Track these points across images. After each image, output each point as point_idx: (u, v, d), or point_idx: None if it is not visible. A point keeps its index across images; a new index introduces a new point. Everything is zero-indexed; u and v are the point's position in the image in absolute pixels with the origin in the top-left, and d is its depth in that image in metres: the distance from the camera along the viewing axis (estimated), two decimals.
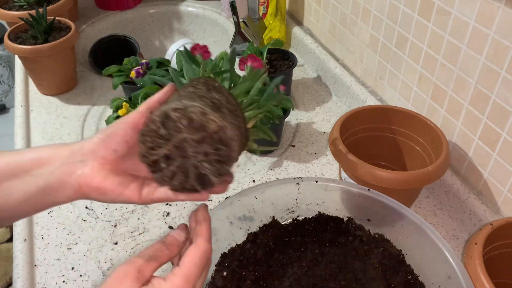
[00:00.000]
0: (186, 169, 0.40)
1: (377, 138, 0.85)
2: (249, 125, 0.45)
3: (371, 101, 0.98)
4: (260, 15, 1.22)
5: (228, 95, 0.42)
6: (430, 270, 0.64)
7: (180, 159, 0.39)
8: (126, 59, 1.01)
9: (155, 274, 0.43)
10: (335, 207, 0.73)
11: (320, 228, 0.72)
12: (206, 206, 0.49)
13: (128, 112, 0.75)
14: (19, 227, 0.79)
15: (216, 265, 0.67)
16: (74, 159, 0.44)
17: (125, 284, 0.40)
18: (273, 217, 0.72)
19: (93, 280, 0.72)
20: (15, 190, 0.44)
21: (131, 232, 0.79)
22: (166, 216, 0.81)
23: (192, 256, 0.43)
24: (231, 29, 1.34)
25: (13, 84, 2.34)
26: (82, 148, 0.44)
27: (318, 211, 0.73)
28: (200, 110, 0.37)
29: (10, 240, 1.96)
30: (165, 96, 0.46)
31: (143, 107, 0.45)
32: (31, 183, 0.44)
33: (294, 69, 1.07)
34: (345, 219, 0.72)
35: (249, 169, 0.91)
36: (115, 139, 0.44)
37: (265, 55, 1.05)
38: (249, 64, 0.59)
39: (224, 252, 0.68)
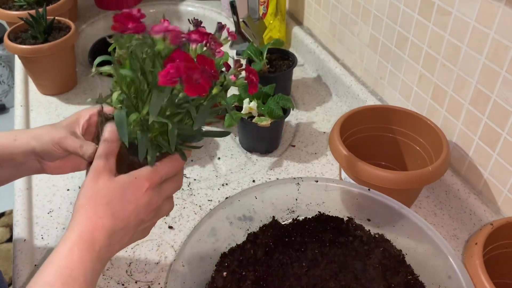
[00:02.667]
0: None
1: (377, 138, 0.85)
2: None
3: (371, 101, 0.98)
4: (260, 15, 1.21)
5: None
6: (430, 270, 0.64)
7: None
8: None
9: None
10: (335, 207, 0.73)
11: (320, 228, 0.72)
12: None
13: None
14: (19, 227, 0.79)
15: (216, 265, 0.67)
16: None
17: (102, 179, 0.49)
18: (273, 217, 0.72)
19: None
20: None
21: None
22: (166, 216, 0.81)
23: (164, 160, 0.52)
24: (231, 29, 1.34)
25: (13, 84, 2.34)
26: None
27: (318, 211, 0.73)
28: None
29: (10, 240, 1.96)
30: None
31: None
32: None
33: (294, 69, 1.07)
34: (345, 219, 0.72)
35: (249, 169, 0.91)
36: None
37: (265, 55, 1.05)
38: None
39: (224, 252, 0.68)
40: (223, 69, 0.51)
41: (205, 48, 0.50)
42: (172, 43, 0.47)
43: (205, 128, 0.54)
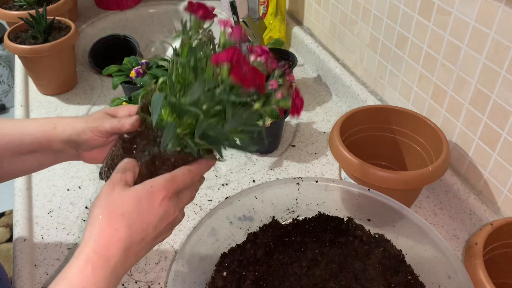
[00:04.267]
0: None
1: (377, 138, 0.85)
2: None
3: (371, 101, 0.98)
4: (260, 15, 1.21)
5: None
6: (430, 270, 0.64)
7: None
8: (126, 59, 1.01)
9: None
10: (335, 207, 0.73)
11: (320, 228, 0.72)
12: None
13: None
14: (19, 227, 0.79)
15: (216, 265, 0.67)
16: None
17: (116, 190, 0.48)
18: (273, 217, 0.72)
19: None
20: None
21: None
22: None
23: (182, 168, 0.51)
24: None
25: (13, 84, 2.34)
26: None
27: (318, 211, 0.73)
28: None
29: (10, 240, 1.96)
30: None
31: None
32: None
33: (294, 69, 1.07)
34: (345, 219, 0.72)
35: (249, 169, 0.91)
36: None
37: None
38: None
39: (224, 252, 0.68)
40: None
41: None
42: (234, 36, 0.50)
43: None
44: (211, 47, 0.50)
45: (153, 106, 0.49)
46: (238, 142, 0.52)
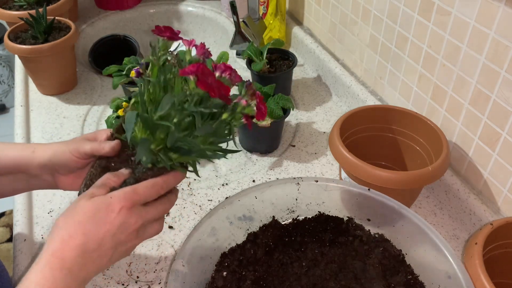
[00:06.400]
0: None
1: (377, 138, 0.85)
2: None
3: (371, 101, 0.98)
4: (260, 15, 1.22)
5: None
6: (430, 270, 0.64)
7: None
8: (126, 59, 1.00)
9: None
10: (335, 207, 0.73)
11: (320, 228, 0.72)
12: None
13: None
14: (19, 227, 0.79)
15: (216, 265, 0.67)
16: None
17: (80, 202, 0.50)
18: (273, 217, 0.72)
19: (93, 279, 0.72)
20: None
21: None
22: (166, 215, 0.81)
23: (146, 181, 0.53)
24: (231, 29, 1.34)
25: (13, 84, 2.34)
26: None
27: (318, 211, 0.73)
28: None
29: (10, 240, 1.96)
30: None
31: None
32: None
33: (294, 69, 1.07)
34: (345, 219, 0.72)
35: (249, 169, 0.91)
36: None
37: (265, 55, 1.05)
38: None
39: (224, 252, 0.68)
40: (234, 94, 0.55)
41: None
42: (198, 54, 0.54)
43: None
44: (177, 68, 0.54)
45: (127, 123, 0.52)
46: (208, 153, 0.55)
